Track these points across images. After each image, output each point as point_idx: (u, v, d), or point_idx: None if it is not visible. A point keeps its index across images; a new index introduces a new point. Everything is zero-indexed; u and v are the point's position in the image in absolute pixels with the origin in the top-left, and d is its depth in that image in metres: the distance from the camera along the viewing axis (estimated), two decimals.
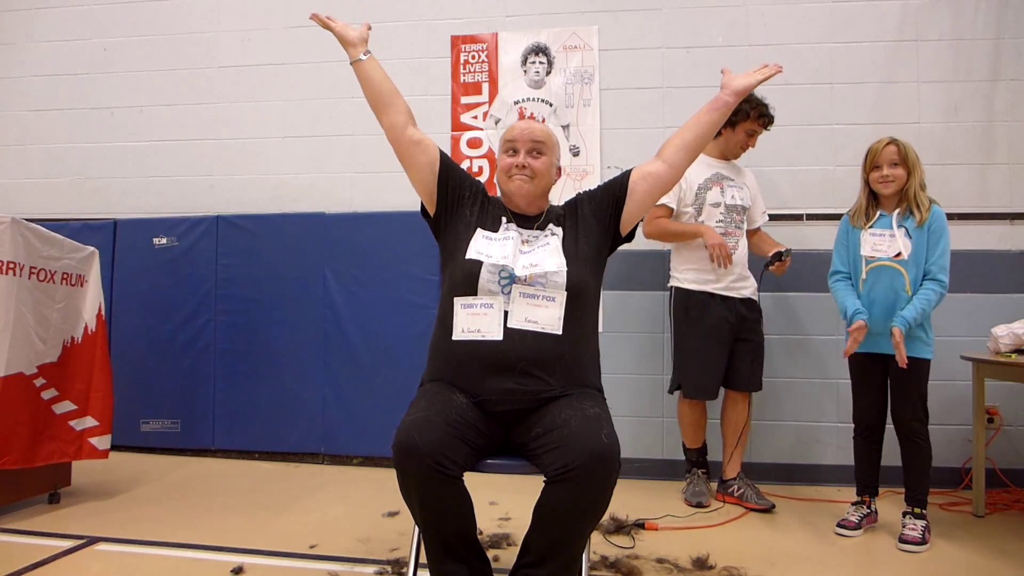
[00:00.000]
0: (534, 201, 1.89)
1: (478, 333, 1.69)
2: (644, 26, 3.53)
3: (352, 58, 1.88)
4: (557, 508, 1.54)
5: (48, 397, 2.73)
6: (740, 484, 2.94)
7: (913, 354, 2.40)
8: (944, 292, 2.43)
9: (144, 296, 3.79)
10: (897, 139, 2.51)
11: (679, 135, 1.88)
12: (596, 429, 1.54)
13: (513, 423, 1.73)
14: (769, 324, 3.10)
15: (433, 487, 1.52)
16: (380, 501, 2.85)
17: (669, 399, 3.24)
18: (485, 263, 1.74)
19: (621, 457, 1.56)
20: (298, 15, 3.83)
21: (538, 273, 1.72)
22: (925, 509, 2.49)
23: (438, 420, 1.57)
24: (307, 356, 3.65)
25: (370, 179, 3.72)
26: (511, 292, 1.71)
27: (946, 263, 2.45)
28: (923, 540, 2.40)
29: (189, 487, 3.15)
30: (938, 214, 2.48)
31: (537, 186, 1.87)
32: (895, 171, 2.49)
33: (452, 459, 1.53)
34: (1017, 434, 3.17)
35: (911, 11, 3.36)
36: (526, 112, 3.59)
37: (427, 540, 1.63)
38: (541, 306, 1.71)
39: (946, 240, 2.46)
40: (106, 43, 4.02)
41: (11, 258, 2.55)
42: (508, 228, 1.84)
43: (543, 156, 1.89)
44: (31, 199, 4.03)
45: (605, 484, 1.53)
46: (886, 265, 2.49)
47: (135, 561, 2.26)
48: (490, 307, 1.71)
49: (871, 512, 2.63)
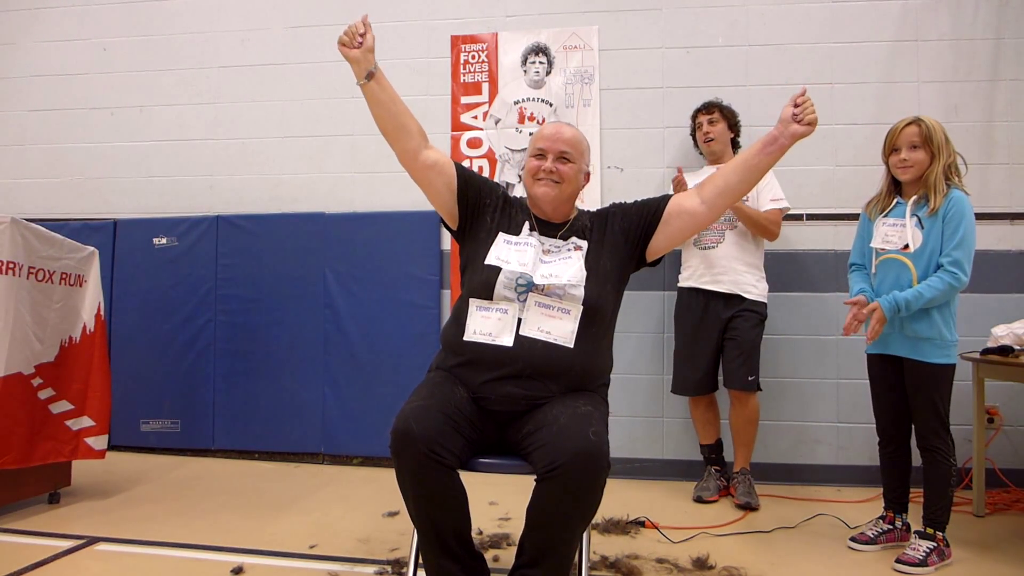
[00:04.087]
0: (559, 207, 1.87)
1: (489, 336, 1.70)
2: (644, 26, 3.53)
3: (358, 78, 1.77)
4: (547, 507, 1.54)
5: (45, 397, 2.73)
6: (738, 478, 2.96)
7: (920, 358, 2.24)
8: (955, 285, 2.17)
9: (144, 296, 3.79)
10: (923, 119, 2.25)
11: (724, 177, 1.77)
12: (584, 426, 1.53)
13: (509, 422, 1.73)
14: (770, 324, 3.10)
15: (428, 475, 1.53)
16: (380, 501, 2.84)
17: (670, 399, 3.24)
18: (504, 269, 1.74)
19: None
20: (298, 15, 3.83)
21: (556, 284, 1.71)
22: (941, 531, 2.24)
23: (436, 410, 1.59)
24: (307, 356, 3.65)
25: (370, 179, 3.72)
26: (527, 300, 1.71)
27: (961, 255, 2.17)
28: (923, 562, 2.18)
29: (189, 487, 3.14)
30: (956, 200, 2.19)
31: (563, 191, 1.85)
32: (914, 155, 2.24)
33: (448, 449, 1.55)
34: (1017, 434, 3.16)
35: (911, 11, 3.36)
36: (526, 112, 3.59)
37: (421, 533, 1.63)
38: (555, 317, 1.70)
39: (965, 229, 2.17)
40: (106, 43, 4.01)
41: (10, 258, 2.55)
42: (531, 235, 1.82)
43: (571, 163, 1.85)
44: (31, 199, 4.03)
45: (593, 482, 1.51)
46: (894, 258, 2.29)
47: (135, 561, 2.26)
48: (504, 312, 1.71)
49: (894, 529, 2.41)
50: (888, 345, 2.34)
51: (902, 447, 2.40)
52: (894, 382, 2.36)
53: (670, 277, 3.28)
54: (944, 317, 2.24)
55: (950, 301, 2.25)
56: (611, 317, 1.83)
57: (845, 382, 3.28)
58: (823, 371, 3.31)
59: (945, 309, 2.25)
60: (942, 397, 2.25)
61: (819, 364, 3.31)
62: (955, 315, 2.28)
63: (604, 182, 3.50)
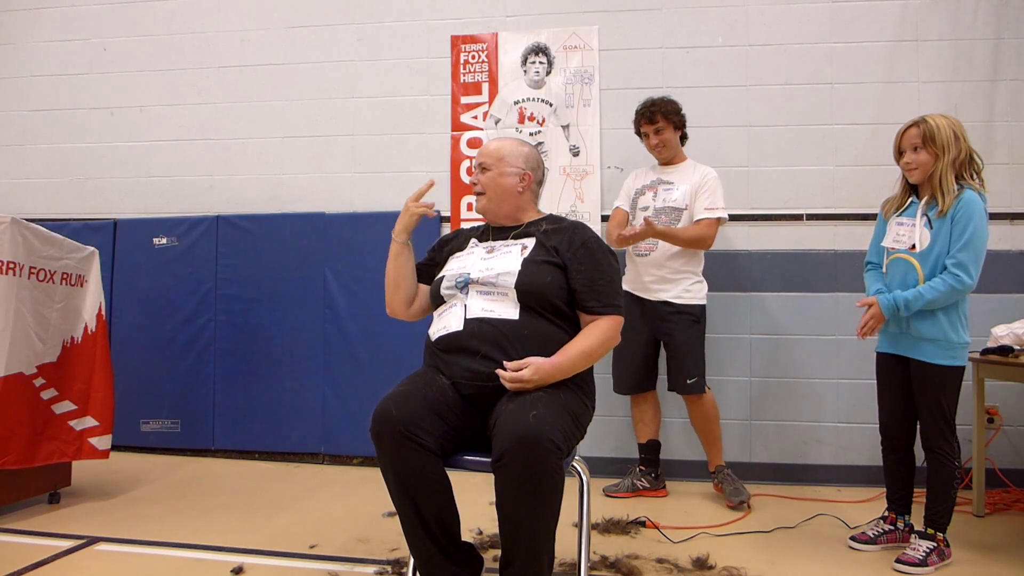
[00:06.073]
0: (497, 212, 1.98)
1: (444, 329, 1.81)
2: (644, 26, 3.53)
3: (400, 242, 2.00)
4: (503, 499, 1.54)
5: (48, 397, 2.73)
6: (719, 477, 2.98)
7: (925, 359, 2.22)
8: (958, 287, 2.13)
9: (144, 296, 3.79)
10: (928, 118, 2.22)
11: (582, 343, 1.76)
12: (527, 411, 1.52)
13: (487, 410, 1.73)
14: (770, 324, 3.10)
15: (407, 456, 1.56)
16: (380, 501, 2.84)
17: (668, 400, 3.24)
18: (446, 276, 1.89)
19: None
20: (298, 15, 3.83)
21: (490, 276, 1.81)
22: (942, 531, 2.23)
23: (416, 395, 1.65)
24: (307, 356, 3.65)
25: (370, 179, 3.72)
26: (468, 292, 1.82)
27: (966, 257, 2.13)
28: (922, 562, 2.18)
29: (189, 487, 3.15)
30: (966, 202, 2.15)
31: (491, 200, 1.96)
32: (917, 156, 2.23)
33: (427, 430, 1.58)
34: (1017, 434, 3.16)
35: (911, 11, 3.35)
36: (526, 112, 3.59)
37: (402, 515, 1.63)
38: (496, 300, 1.79)
39: (973, 231, 2.13)
40: (106, 43, 4.01)
41: (11, 258, 2.55)
42: (476, 246, 1.95)
43: (487, 171, 1.97)
44: (31, 199, 4.03)
45: (538, 467, 1.48)
46: (902, 258, 2.28)
47: (135, 561, 2.26)
48: (453, 307, 1.84)
49: (895, 530, 2.40)
50: (895, 344, 2.33)
51: (906, 453, 2.38)
52: (900, 381, 2.33)
53: None
54: (951, 319, 2.21)
55: (958, 303, 2.21)
56: (555, 300, 1.79)
57: (845, 382, 3.28)
58: (823, 371, 3.31)
59: (952, 311, 2.21)
60: (947, 399, 2.21)
61: (819, 364, 3.31)
62: (965, 317, 2.24)
63: (604, 182, 3.50)
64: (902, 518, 2.42)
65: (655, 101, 3.01)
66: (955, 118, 2.25)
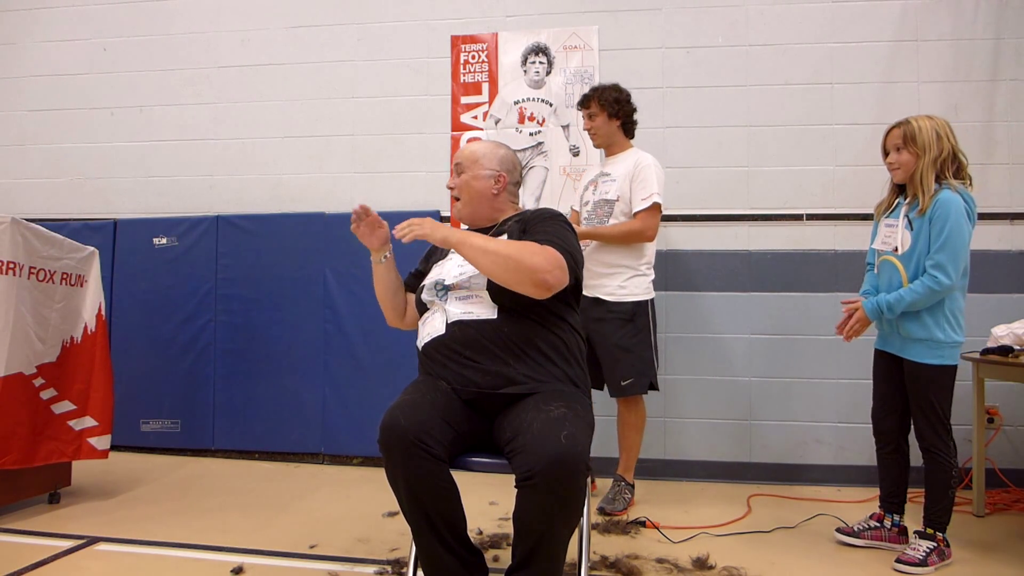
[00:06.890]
0: (473, 214, 2.00)
1: (428, 335, 1.84)
2: (644, 26, 3.53)
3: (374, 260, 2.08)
4: (528, 514, 1.55)
5: (47, 397, 2.73)
6: (617, 486, 2.83)
7: (913, 358, 2.25)
8: (936, 288, 2.15)
9: (144, 296, 3.79)
10: (912, 119, 2.26)
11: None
12: (557, 431, 1.52)
13: (492, 416, 1.74)
14: (770, 324, 3.10)
15: (417, 465, 1.56)
16: (380, 501, 2.84)
17: (668, 400, 3.24)
18: (425, 284, 1.91)
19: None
20: (298, 15, 3.83)
21: (463, 280, 1.83)
22: (941, 531, 2.24)
23: (423, 403, 1.65)
24: (307, 356, 3.65)
25: (370, 179, 3.72)
26: (447, 298, 1.84)
27: (943, 258, 2.14)
28: (922, 562, 2.18)
29: (189, 487, 3.14)
30: (943, 201, 2.16)
31: (465, 204, 1.99)
32: (899, 156, 2.27)
33: (436, 439, 1.58)
34: (1017, 434, 3.17)
35: (911, 11, 3.36)
36: (526, 112, 3.59)
37: (415, 526, 1.63)
38: (474, 303, 1.80)
39: (949, 230, 2.14)
40: (106, 43, 4.02)
41: (11, 258, 2.55)
42: (454, 252, 1.93)
43: (462, 173, 1.99)
44: (31, 199, 4.03)
45: (571, 486, 1.50)
46: (888, 259, 2.32)
47: (135, 561, 2.26)
48: (434, 313, 1.86)
49: (880, 527, 2.41)
50: (888, 343, 2.38)
51: (898, 449, 2.39)
52: (892, 378, 2.37)
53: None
54: (936, 318, 2.22)
55: (943, 302, 2.22)
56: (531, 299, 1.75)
57: (845, 382, 3.28)
58: (823, 371, 3.31)
59: (937, 310, 2.22)
60: (939, 398, 2.22)
61: (819, 364, 3.31)
62: (955, 315, 2.24)
63: None
64: (891, 516, 2.42)
65: (596, 87, 2.99)
66: (942, 119, 2.28)
